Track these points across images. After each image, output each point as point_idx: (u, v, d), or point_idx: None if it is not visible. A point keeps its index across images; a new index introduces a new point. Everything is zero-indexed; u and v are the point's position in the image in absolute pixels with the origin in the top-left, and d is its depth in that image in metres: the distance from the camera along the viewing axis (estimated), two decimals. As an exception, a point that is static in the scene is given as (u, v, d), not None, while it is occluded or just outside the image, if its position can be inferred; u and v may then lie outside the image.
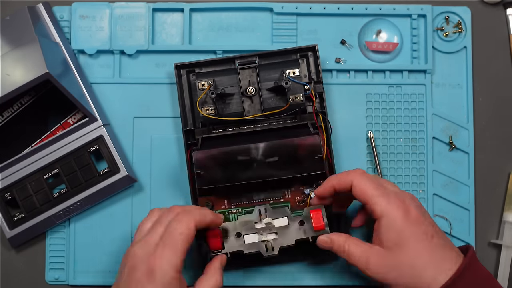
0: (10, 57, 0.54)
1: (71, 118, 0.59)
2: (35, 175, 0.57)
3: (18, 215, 0.57)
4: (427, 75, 0.60)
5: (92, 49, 0.60)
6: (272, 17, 0.60)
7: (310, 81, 0.57)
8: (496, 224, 0.60)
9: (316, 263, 0.58)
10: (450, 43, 0.61)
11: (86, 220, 0.59)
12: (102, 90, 0.60)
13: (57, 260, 0.59)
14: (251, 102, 0.56)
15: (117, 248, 0.59)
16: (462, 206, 0.59)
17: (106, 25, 0.60)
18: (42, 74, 0.52)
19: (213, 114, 0.55)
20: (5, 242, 0.59)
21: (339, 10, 0.60)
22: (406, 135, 0.60)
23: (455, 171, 0.60)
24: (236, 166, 0.53)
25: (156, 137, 0.60)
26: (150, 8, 0.60)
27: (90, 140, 0.57)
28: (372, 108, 0.60)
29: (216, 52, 0.60)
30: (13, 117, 0.59)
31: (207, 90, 0.54)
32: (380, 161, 0.59)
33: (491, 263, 0.59)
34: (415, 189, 0.59)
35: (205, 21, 0.61)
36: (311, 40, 0.60)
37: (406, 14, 0.60)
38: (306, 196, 0.56)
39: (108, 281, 0.58)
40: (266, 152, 0.52)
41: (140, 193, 0.59)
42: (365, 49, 0.60)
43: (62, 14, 0.60)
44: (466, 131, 0.60)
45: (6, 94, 0.52)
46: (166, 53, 0.60)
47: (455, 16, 0.61)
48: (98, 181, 0.57)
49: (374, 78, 0.60)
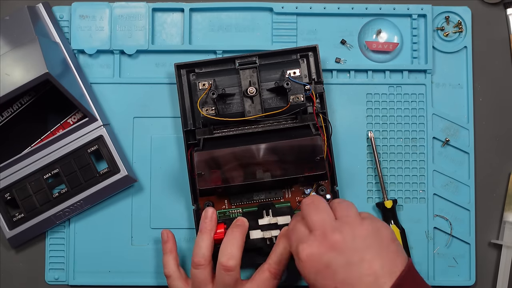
0: (10, 57, 0.54)
1: (71, 118, 0.59)
2: (35, 175, 0.57)
3: (18, 215, 0.57)
4: (427, 75, 0.60)
5: (92, 49, 0.59)
6: (272, 17, 0.60)
7: (310, 81, 0.57)
8: (496, 224, 0.60)
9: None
10: (450, 43, 0.61)
11: (86, 220, 0.59)
12: (102, 90, 0.60)
13: (57, 260, 0.59)
14: (251, 102, 0.56)
15: (117, 248, 0.59)
16: (462, 206, 0.59)
17: (106, 25, 0.60)
18: (42, 74, 0.52)
19: (213, 114, 0.55)
20: (5, 242, 0.59)
21: (339, 10, 0.60)
22: (406, 135, 0.60)
23: (455, 171, 0.60)
24: (237, 167, 0.53)
25: (156, 137, 0.60)
26: (150, 8, 0.60)
27: (90, 140, 0.57)
28: (372, 108, 0.60)
29: (216, 52, 0.60)
30: (13, 117, 0.59)
31: (208, 90, 0.54)
32: (380, 161, 0.59)
33: (491, 263, 0.60)
34: (415, 189, 0.59)
35: (205, 21, 0.61)
36: (311, 40, 0.60)
37: (406, 14, 0.60)
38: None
39: (108, 281, 0.59)
40: (267, 153, 0.52)
41: (140, 193, 0.59)
42: (365, 49, 0.60)
43: (62, 14, 0.60)
44: (466, 131, 0.60)
45: (6, 94, 0.52)
46: (166, 53, 0.60)
47: (455, 16, 0.61)
48: (98, 181, 0.57)
49: (374, 78, 0.60)
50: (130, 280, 0.59)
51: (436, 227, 0.59)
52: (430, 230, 0.59)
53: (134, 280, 0.59)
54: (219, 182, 0.53)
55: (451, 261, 0.59)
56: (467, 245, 0.59)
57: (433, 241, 0.59)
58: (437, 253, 0.59)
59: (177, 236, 0.58)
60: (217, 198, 0.57)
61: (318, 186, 0.57)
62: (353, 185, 0.59)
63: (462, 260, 0.59)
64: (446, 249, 0.59)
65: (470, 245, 0.59)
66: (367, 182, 0.59)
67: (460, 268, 0.59)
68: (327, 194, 0.56)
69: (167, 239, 0.56)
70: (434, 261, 0.59)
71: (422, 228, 0.59)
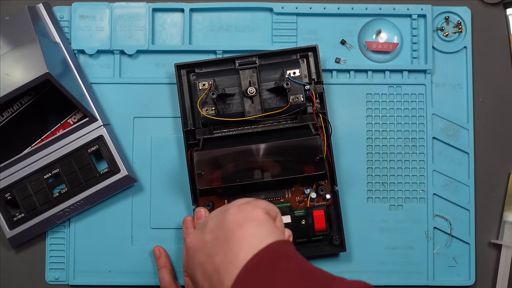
0: (10, 57, 0.54)
1: (71, 118, 0.59)
2: (35, 175, 0.57)
3: (18, 215, 0.57)
4: (427, 75, 0.60)
5: (92, 49, 0.59)
6: (272, 17, 0.60)
7: (310, 81, 0.58)
8: (496, 224, 0.60)
9: (316, 259, 0.58)
10: (450, 43, 0.61)
11: (86, 220, 0.59)
12: (102, 90, 0.60)
13: (57, 260, 0.59)
14: (251, 102, 0.56)
15: (117, 248, 0.59)
16: (462, 206, 0.59)
17: (106, 25, 0.60)
18: (42, 74, 0.52)
19: (213, 114, 0.55)
20: (5, 242, 0.59)
21: (339, 10, 0.60)
22: (406, 135, 0.60)
23: (455, 171, 0.60)
24: (236, 167, 0.53)
25: (156, 137, 0.60)
26: (150, 8, 0.60)
27: (90, 140, 0.57)
28: (372, 108, 0.60)
29: (216, 52, 0.60)
30: (13, 117, 0.59)
31: (208, 90, 0.54)
32: (381, 161, 0.59)
33: (490, 263, 0.60)
34: (415, 189, 0.59)
35: (205, 21, 0.61)
36: (311, 40, 0.60)
37: (406, 14, 0.60)
38: (306, 196, 0.56)
39: (108, 281, 0.59)
40: (267, 153, 0.52)
41: (140, 193, 0.59)
42: (365, 49, 0.60)
43: (62, 14, 0.60)
44: (466, 131, 0.60)
45: (6, 94, 0.52)
46: (166, 53, 0.60)
47: (455, 16, 0.61)
48: (98, 181, 0.57)
49: (374, 78, 0.60)
50: (130, 280, 0.59)
51: (436, 227, 0.59)
52: (430, 230, 0.59)
53: (134, 280, 0.59)
54: (219, 182, 0.53)
55: (451, 261, 0.59)
56: (466, 245, 0.59)
57: (433, 241, 0.59)
58: (437, 253, 0.59)
59: (177, 236, 0.58)
60: (217, 198, 0.57)
61: (318, 186, 0.57)
62: (353, 185, 0.59)
63: (462, 260, 0.59)
64: (446, 249, 0.59)
65: (470, 245, 0.59)
66: (367, 182, 0.59)
67: (460, 268, 0.59)
68: (327, 194, 0.56)
69: (159, 255, 0.58)
70: (434, 261, 0.59)
71: (422, 228, 0.59)
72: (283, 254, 0.40)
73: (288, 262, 0.40)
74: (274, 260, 0.40)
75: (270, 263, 0.39)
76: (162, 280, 0.57)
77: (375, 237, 0.59)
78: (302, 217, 0.56)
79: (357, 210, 0.59)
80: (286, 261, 0.40)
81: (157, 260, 0.58)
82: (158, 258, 0.58)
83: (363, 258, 0.59)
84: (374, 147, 0.59)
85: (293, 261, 0.40)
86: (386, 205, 0.59)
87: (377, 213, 0.59)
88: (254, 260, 0.40)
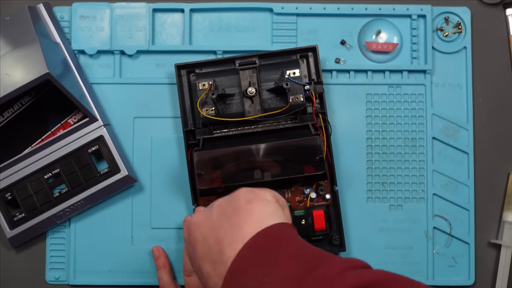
0: (10, 57, 0.54)
1: (71, 118, 0.59)
2: (35, 175, 0.57)
3: (18, 215, 0.58)
4: (427, 75, 0.60)
5: (93, 49, 0.60)
6: (272, 17, 0.60)
7: (310, 81, 0.58)
8: (496, 224, 0.60)
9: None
10: (449, 43, 0.61)
11: (86, 220, 0.59)
12: (102, 90, 0.60)
13: (57, 260, 0.59)
14: (251, 102, 0.56)
15: (117, 248, 0.59)
16: (462, 206, 0.59)
17: (106, 25, 0.60)
18: (42, 74, 0.52)
19: (213, 114, 0.55)
20: (5, 242, 0.59)
21: (339, 10, 0.60)
22: (406, 135, 0.60)
23: (455, 171, 0.60)
24: (236, 167, 0.53)
25: (156, 137, 0.60)
26: (150, 8, 0.60)
27: (91, 140, 0.58)
28: (372, 108, 0.60)
29: (216, 53, 0.60)
30: (14, 117, 0.59)
31: (208, 90, 0.54)
32: (380, 161, 0.59)
33: (490, 262, 0.60)
34: (415, 189, 0.59)
35: (205, 21, 0.61)
36: (311, 40, 0.60)
37: (406, 14, 0.60)
38: (306, 196, 0.56)
39: (109, 281, 0.59)
40: (267, 153, 0.53)
41: (140, 193, 0.59)
42: (365, 49, 0.60)
43: (63, 14, 0.60)
44: (466, 131, 0.60)
45: (6, 95, 0.52)
46: (166, 53, 0.60)
47: (454, 16, 0.61)
48: (98, 181, 0.57)
49: (374, 78, 0.60)
50: (130, 280, 0.59)
51: (436, 227, 0.59)
52: (430, 230, 0.59)
53: (134, 280, 0.59)
54: (219, 182, 0.53)
55: (451, 261, 0.59)
56: (466, 245, 0.59)
57: (433, 241, 0.59)
58: (437, 253, 0.59)
59: (177, 236, 0.58)
60: (217, 198, 0.56)
61: (318, 186, 0.57)
62: (352, 185, 0.59)
63: (462, 260, 0.59)
64: (445, 249, 0.59)
65: (470, 245, 0.59)
66: (367, 182, 0.59)
67: (460, 268, 0.59)
68: (326, 194, 0.56)
69: (158, 255, 0.58)
70: (434, 261, 0.59)
71: (421, 228, 0.59)
72: (286, 234, 0.41)
73: (290, 241, 0.41)
74: (277, 240, 0.40)
75: (273, 243, 0.40)
76: (161, 280, 0.57)
77: (374, 237, 0.59)
78: (302, 217, 0.56)
79: (357, 210, 0.59)
80: (287, 240, 0.41)
81: (156, 260, 0.58)
82: (157, 258, 0.58)
83: (363, 258, 0.57)
84: (374, 147, 0.60)
85: (295, 241, 0.41)
86: (386, 205, 0.59)
87: (377, 213, 0.59)
88: (259, 236, 0.40)
